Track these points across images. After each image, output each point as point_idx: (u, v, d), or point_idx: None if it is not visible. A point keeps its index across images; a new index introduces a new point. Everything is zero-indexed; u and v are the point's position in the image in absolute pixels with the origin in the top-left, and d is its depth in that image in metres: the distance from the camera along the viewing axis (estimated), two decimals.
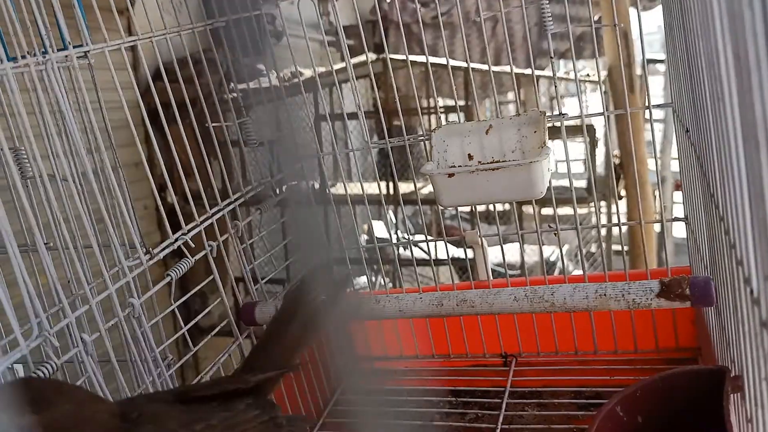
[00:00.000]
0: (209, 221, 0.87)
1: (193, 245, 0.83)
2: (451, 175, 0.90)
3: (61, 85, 0.69)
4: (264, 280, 1.01)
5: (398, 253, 1.40)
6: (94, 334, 0.68)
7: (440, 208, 1.03)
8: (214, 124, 0.88)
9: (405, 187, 3.62)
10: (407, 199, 3.50)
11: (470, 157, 0.98)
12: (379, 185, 1.75)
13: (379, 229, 4.03)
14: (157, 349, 0.76)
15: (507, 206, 3.57)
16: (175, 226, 0.83)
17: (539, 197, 0.89)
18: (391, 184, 3.62)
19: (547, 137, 0.93)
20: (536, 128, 0.94)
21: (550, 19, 0.88)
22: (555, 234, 1.01)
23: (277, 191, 1.06)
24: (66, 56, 0.71)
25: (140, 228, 0.78)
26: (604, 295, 0.74)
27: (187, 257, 0.82)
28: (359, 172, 1.31)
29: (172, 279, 0.80)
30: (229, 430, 0.54)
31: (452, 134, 0.98)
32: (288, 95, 1.07)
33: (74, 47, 0.73)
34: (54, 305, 0.68)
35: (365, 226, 3.52)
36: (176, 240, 0.81)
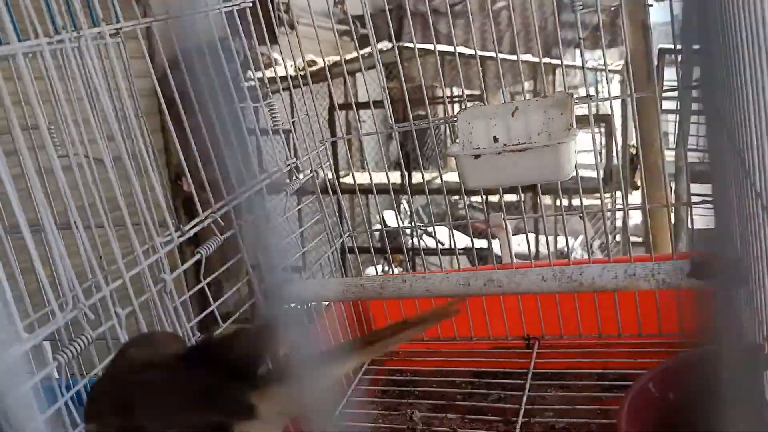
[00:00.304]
0: (238, 201, 0.87)
1: (223, 223, 0.84)
2: (477, 157, 0.90)
3: (95, 61, 0.69)
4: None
5: (417, 242, 1.39)
6: (127, 309, 0.69)
7: (454, 199, 1.03)
8: (241, 105, 0.89)
9: (418, 177, 3.61)
10: (421, 189, 3.49)
11: (495, 139, 0.98)
12: (402, 173, 1.73)
13: (392, 220, 4.03)
14: (187, 324, 0.77)
15: (523, 197, 3.56)
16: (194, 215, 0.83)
17: (566, 179, 0.89)
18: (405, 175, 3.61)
19: (574, 119, 0.92)
20: (563, 110, 0.94)
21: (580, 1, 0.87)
22: (580, 216, 1.01)
23: (295, 177, 1.06)
24: (99, 33, 0.72)
25: (170, 207, 0.79)
26: (634, 275, 0.74)
27: (216, 235, 0.83)
28: (384, 158, 1.31)
29: (202, 256, 0.80)
30: None
31: (478, 116, 0.98)
32: (304, 84, 1.06)
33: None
34: (86, 282, 0.69)
35: (378, 216, 3.53)
36: (206, 218, 0.82)
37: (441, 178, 1.14)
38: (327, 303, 1.07)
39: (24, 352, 0.57)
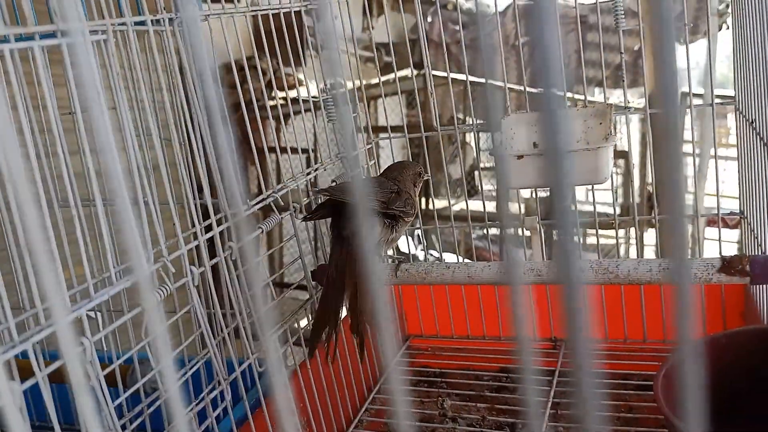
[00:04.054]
0: (295, 185, 0.94)
1: (282, 203, 0.90)
2: (519, 158, 0.97)
3: (188, 45, 0.76)
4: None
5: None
6: (200, 268, 0.75)
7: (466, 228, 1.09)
8: (296, 102, 0.95)
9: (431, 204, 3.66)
10: (437, 216, 3.53)
11: (535, 145, 1.05)
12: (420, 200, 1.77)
13: (404, 246, 4.06)
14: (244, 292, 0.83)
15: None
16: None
17: (603, 182, 0.95)
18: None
19: (613, 128, 0.99)
20: (602, 120, 1.00)
21: (623, 15, 0.94)
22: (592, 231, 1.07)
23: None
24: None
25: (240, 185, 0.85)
26: (668, 269, 0.79)
27: (275, 212, 0.89)
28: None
29: (262, 231, 0.86)
30: None
31: (520, 123, 1.05)
32: (326, 107, 1.08)
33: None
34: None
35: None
36: (268, 197, 0.88)
37: (450, 208, 1.20)
38: None
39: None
